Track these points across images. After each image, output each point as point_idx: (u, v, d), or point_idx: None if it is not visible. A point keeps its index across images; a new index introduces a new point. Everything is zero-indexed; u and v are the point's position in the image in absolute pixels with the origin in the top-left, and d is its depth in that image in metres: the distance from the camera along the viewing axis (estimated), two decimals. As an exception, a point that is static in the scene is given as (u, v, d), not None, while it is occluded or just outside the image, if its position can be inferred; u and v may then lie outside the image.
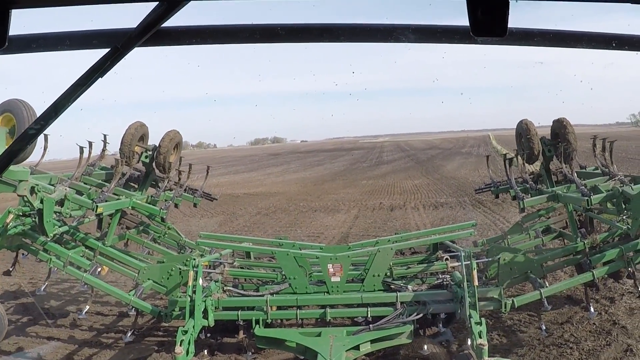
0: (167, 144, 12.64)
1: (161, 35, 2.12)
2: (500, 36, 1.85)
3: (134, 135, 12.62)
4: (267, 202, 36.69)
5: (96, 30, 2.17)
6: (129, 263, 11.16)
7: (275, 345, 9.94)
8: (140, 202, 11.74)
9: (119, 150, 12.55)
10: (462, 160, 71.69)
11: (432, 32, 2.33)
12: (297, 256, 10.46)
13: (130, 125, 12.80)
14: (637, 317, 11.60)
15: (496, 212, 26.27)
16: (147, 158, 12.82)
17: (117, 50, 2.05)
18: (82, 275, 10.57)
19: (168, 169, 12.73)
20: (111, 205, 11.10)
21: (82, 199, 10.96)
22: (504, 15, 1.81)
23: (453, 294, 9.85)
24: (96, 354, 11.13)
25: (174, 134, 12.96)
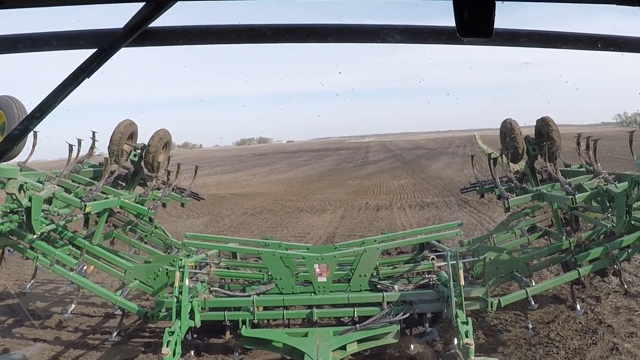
0: (157, 143, 12.60)
1: (148, 36, 2.11)
2: (487, 37, 1.86)
3: (123, 133, 12.56)
4: (253, 202, 36.65)
5: (83, 31, 2.17)
6: (115, 262, 11.08)
7: (262, 346, 9.93)
8: (128, 201, 11.67)
9: (108, 148, 12.48)
10: (448, 160, 71.83)
11: (418, 33, 2.34)
12: (284, 256, 10.45)
13: (120, 123, 12.73)
14: (622, 316, 11.65)
15: (482, 211, 26.33)
16: (136, 157, 12.76)
17: (104, 51, 2.05)
18: (69, 274, 10.51)
19: (157, 168, 12.68)
20: (99, 205, 11.04)
21: (70, 198, 10.91)
22: (490, 16, 1.82)
23: (439, 294, 9.86)
24: (82, 356, 11.08)
25: (163, 133, 12.91)
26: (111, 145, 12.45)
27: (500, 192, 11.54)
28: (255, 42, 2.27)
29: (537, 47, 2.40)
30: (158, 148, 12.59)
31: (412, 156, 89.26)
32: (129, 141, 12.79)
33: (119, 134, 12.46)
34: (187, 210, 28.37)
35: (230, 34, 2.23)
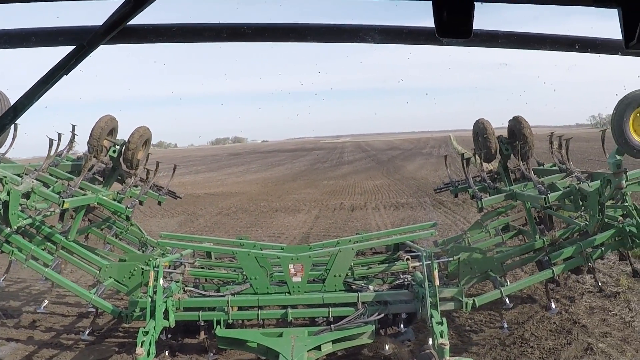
0: (137, 140, 12.48)
1: (127, 33, 2.10)
2: (465, 37, 1.86)
3: (104, 129, 12.40)
4: (228, 202, 36.60)
5: (62, 27, 2.15)
6: (90, 260, 11.00)
7: (236, 346, 9.92)
8: (106, 198, 11.58)
9: (88, 143, 12.34)
10: (423, 160, 72.05)
11: (397, 33, 2.34)
12: (258, 256, 10.44)
13: (101, 118, 12.57)
14: (597, 316, 11.74)
15: (457, 212, 26.44)
16: (115, 153, 12.63)
17: (82, 48, 2.03)
18: (44, 270, 10.43)
19: (136, 165, 12.60)
20: (77, 201, 10.93)
21: (48, 193, 10.80)
22: (469, 17, 1.82)
23: (414, 294, 9.89)
24: (56, 355, 11.02)
25: (143, 130, 12.80)
26: (91, 140, 12.28)
27: (473, 192, 11.58)
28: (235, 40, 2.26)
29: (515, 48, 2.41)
30: (138, 145, 12.49)
31: (387, 157, 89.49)
32: (109, 137, 12.66)
33: (99, 129, 12.31)
34: (161, 209, 28.26)
35: (210, 32, 2.23)
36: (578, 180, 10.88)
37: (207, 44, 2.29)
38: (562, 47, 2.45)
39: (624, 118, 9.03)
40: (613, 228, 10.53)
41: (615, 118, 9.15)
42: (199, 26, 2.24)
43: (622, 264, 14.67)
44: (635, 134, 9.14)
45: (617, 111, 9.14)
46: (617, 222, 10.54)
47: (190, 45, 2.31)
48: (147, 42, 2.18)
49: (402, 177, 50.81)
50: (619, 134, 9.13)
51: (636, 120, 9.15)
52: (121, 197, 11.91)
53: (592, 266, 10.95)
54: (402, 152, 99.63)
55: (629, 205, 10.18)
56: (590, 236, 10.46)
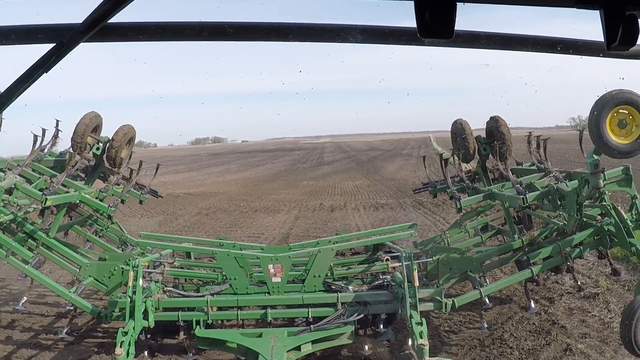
0: (121, 138, 12.40)
1: (108, 31, 2.08)
2: (447, 38, 1.86)
3: (88, 125, 12.30)
4: (207, 202, 36.50)
5: (41, 25, 2.13)
6: (71, 257, 10.92)
7: (216, 346, 9.89)
8: (88, 196, 11.50)
9: (71, 139, 12.26)
10: (403, 161, 72.12)
11: (379, 33, 2.33)
12: (238, 256, 10.43)
13: (85, 115, 12.47)
14: (576, 317, 11.79)
15: (436, 213, 26.51)
16: (99, 150, 12.54)
17: (62, 46, 2.01)
18: (24, 267, 10.35)
19: (119, 163, 12.53)
20: (60, 199, 10.84)
21: (31, 190, 10.73)
22: (451, 17, 1.82)
23: (394, 295, 9.91)
24: (35, 356, 10.96)
25: (128, 128, 12.72)
26: (75, 137, 12.21)
27: (452, 193, 11.62)
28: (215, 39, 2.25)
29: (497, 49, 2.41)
30: (122, 143, 12.41)
31: (367, 157, 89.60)
32: (93, 134, 12.58)
33: (83, 126, 12.22)
34: (140, 209, 28.20)
35: (191, 31, 2.22)
36: (556, 180, 10.94)
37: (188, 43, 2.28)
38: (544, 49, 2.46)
39: (601, 118, 9.08)
40: (591, 227, 10.59)
41: (592, 118, 9.19)
42: (180, 25, 2.23)
43: (602, 265, 14.76)
44: (613, 134, 9.20)
45: (594, 111, 9.19)
46: (596, 221, 10.60)
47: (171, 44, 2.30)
48: (128, 40, 2.17)
49: (381, 177, 50.87)
50: (596, 134, 9.17)
51: (613, 120, 9.20)
52: (103, 196, 11.86)
53: (571, 265, 10.99)
54: (382, 153, 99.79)
55: (607, 204, 10.23)
56: (569, 236, 10.51)
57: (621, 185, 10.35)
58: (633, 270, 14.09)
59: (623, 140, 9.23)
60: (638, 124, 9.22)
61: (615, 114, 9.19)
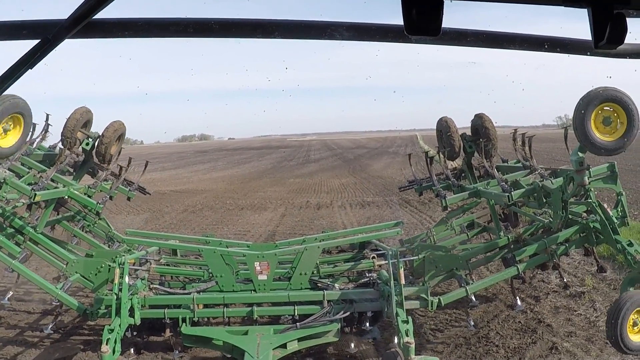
0: (111, 134, 12.30)
1: (93, 27, 2.08)
2: (434, 35, 1.86)
3: (79, 120, 12.19)
4: (193, 199, 36.46)
5: (26, 21, 2.12)
6: (58, 253, 10.84)
7: (202, 344, 9.90)
8: (77, 192, 11.44)
9: (62, 134, 12.17)
10: (389, 159, 72.08)
11: (366, 30, 2.33)
12: (224, 254, 10.43)
13: (76, 110, 12.37)
14: (562, 315, 11.84)
15: (423, 211, 26.55)
16: (88, 145, 12.46)
17: (47, 42, 2.00)
18: (11, 262, 10.26)
19: (108, 160, 12.47)
20: (49, 194, 10.79)
21: (21, 185, 10.63)
22: (438, 15, 1.82)
23: (380, 293, 9.91)
24: (21, 353, 10.93)
25: (118, 124, 12.61)
26: (65, 132, 12.09)
27: (437, 191, 11.65)
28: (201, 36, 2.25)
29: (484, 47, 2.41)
30: (112, 140, 12.32)
31: (354, 155, 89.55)
32: (84, 129, 12.50)
33: (74, 121, 12.11)
34: (127, 206, 28.17)
35: (177, 27, 2.21)
36: (541, 178, 10.96)
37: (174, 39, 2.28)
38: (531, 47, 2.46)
39: (586, 115, 9.08)
40: (577, 224, 10.61)
41: (577, 116, 9.19)
42: (166, 21, 2.22)
43: (587, 264, 14.83)
44: (597, 131, 9.20)
45: (579, 108, 9.18)
46: (581, 218, 10.62)
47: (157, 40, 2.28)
48: (113, 36, 2.16)
49: (368, 175, 50.90)
50: (581, 131, 9.17)
51: (598, 118, 9.21)
52: (92, 192, 11.80)
53: (557, 263, 11.01)
54: (368, 151, 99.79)
55: (593, 201, 10.25)
56: (554, 233, 10.53)
57: (607, 182, 10.39)
58: (619, 269, 14.13)
59: (608, 138, 9.24)
60: (623, 122, 9.23)
61: (599, 112, 9.19)
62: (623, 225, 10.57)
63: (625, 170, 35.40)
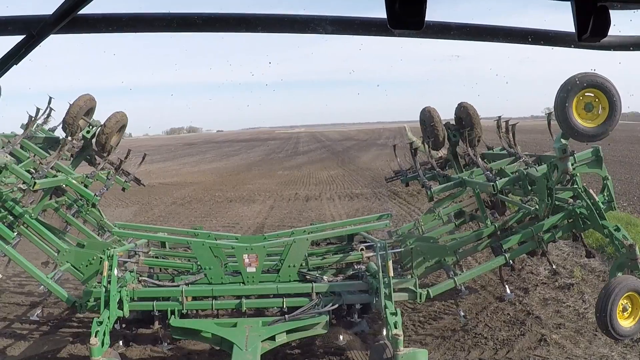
0: (113, 125, 12.24)
1: (77, 23, 2.09)
2: (417, 29, 1.87)
3: (82, 108, 12.13)
4: (182, 192, 36.46)
5: (11, 17, 2.13)
6: (50, 241, 10.75)
7: (191, 336, 9.90)
8: (75, 182, 11.40)
9: (63, 120, 12.13)
10: (378, 151, 71.94)
11: (349, 24, 2.35)
12: (213, 246, 10.40)
13: (80, 97, 12.32)
14: (550, 307, 11.89)
15: (411, 203, 26.60)
16: (89, 134, 12.44)
17: (32, 37, 2.02)
18: (4, 247, 10.17)
19: (108, 150, 12.44)
20: (47, 182, 10.74)
21: (21, 172, 10.53)
22: (421, 8, 1.83)
23: (368, 285, 9.92)
24: (10, 345, 10.95)
25: (121, 116, 12.54)
26: (67, 118, 12.04)
27: (422, 182, 11.67)
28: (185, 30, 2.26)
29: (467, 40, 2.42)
30: (113, 130, 12.26)
31: (342, 147, 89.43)
32: (86, 117, 12.45)
33: (77, 108, 12.02)
34: (115, 199, 28.12)
35: (161, 22, 2.22)
36: (526, 165, 10.98)
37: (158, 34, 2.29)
38: (515, 40, 2.48)
39: (567, 102, 9.05)
40: (563, 210, 10.63)
41: (558, 102, 9.15)
42: (150, 16, 2.23)
43: (577, 255, 14.91)
44: (579, 118, 9.17)
45: (560, 95, 9.13)
46: (568, 204, 10.64)
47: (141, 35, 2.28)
48: (98, 31, 2.17)
49: (357, 167, 50.95)
50: (562, 118, 9.13)
51: (579, 104, 9.19)
52: (89, 181, 11.77)
53: (545, 250, 11.03)
54: (357, 143, 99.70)
55: (579, 187, 10.27)
56: (541, 220, 10.55)
57: (592, 166, 10.40)
58: (608, 261, 14.19)
59: (590, 124, 9.20)
60: (604, 107, 9.19)
61: (580, 98, 9.16)
62: (610, 209, 10.59)
63: (614, 162, 35.53)
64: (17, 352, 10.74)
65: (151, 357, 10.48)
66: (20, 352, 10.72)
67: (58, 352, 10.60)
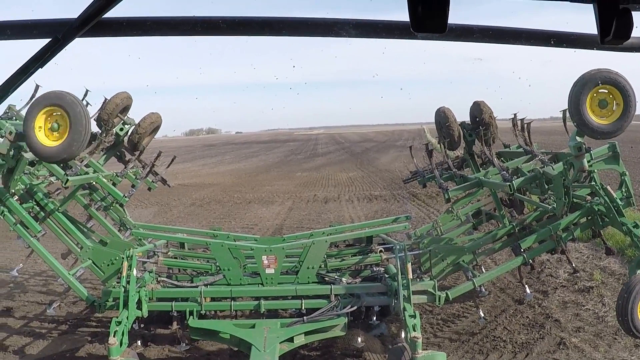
0: (147, 126, 12.22)
1: (102, 26, 2.10)
2: (440, 32, 1.88)
3: (118, 105, 11.99)
4: (201, 193, 36.51)
5: (37, 20, 2.15)
6: (74, 236, 10.75)
7: (209, 337, 9.91)
8: (105, 180, 11.44)
9: (98, 116, 11.97)
10: (397, 153, 71.65)
11: (372, 27, 2.35)
12: (232, 247, 10.42)
13: (117, 94, 12.19)
14: (570, 310, 11.82)
15: (430, 205, 26.51)
16: (122, 131, 12.37)
17: (57, 41, 2.03)
18: (29, 239, 10.21)
19: (141, 150, 12.47)
20: (79, 180, 10.76)
21: (56, 169, 10.63)
22: (444, 11, 1.83)
23: (387, 287, 9.91)
24: (29, 344, 11.00)
25: (156, 117, 12.51)
26: (103, 114, 11.90)
27: (439, 184, 11.64)
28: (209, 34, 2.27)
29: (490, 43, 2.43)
30: (147, 131, 12.26)
31: (361, 149, 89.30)
32: (122, 114, 12.43)
33: (113, 105, 11.88)
34: (135, 199, 28.17)
35: (185, 25, 2.23)
36: (542, 164, 10.93)
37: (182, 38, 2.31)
38: (537, 42, 2.48)
39: (581, 99, 8.96)
40: (581, 208, 10.56)
41: (572, 99, 9.05)
42: (174, 20, 2.25)
43: (596, 258, 14.83)
44: (593, 115, 9.07)
45: (574, 92, 9.01)
46: (585, 201, 10.57)
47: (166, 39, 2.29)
48: (122, 35, 2.19)
49: (375, 169, 50.78)
50: (576, 115, 9.03)
51: (593, 101, 9.09)
52: (118, 180, 11.83)
53: (564, 248, 10.95)
54: (376, 145, 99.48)
55: (596, 184, 10.19)
56: (559, 219, 10.49)
57: (609, 162, 10.28)
58: (628, 263, 14.10)
59: (604, 121, 9.10)
60: (619, 103, 9.10)
61: (595, 94, 9.07)
62: (629, 205, 10.44)
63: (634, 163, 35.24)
64: (35, 350, 10.79)
65: (169, 357, 10.51)
66: (39, 351, 10.77)
67: (76, 352, 10.64)
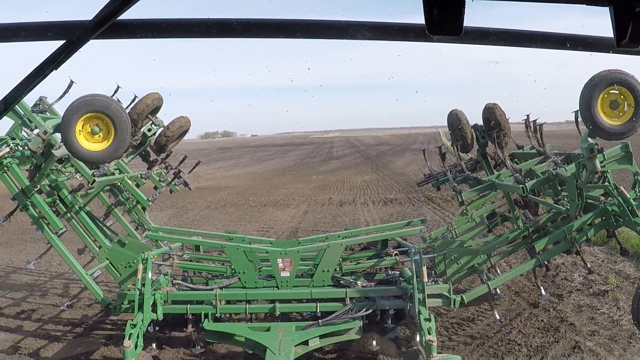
0: (176, 129, 12.23)
1: (117, 28, 2.10)
2: (456, 35, 1.86)
3: (149, 105, 12.02)
4: (216, 196, 36.57)
5: (51, 22, 2.15)
6: (94, 235, 10.77)
7: (224, 340, 9.92)
8: (130, 182, 11.48)
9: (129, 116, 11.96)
10: (412, 156, 71.52)
11: (388, 30, 2.34)
12: (247, 250, 10.44)
13: (149, 95, 12.16)
14: (585, 314, 11.75)
15: (445, 208, 26.45)
16: (150, 132, 12.44)
17: (72, 43, 2.03)
18: (51, 236, 10.18)
19: (167, 153, 12.50)
20: (105, 181, 10.91)
21: (84, 168, 10.54)
22: (460, 14, 1.82)
23: (402, 290, 9.90)
24: (44, 347, 11.01)
25: (185, 121, 12.51)
26: (132, 113, 11.75)
27: (453, 187, 11.63)
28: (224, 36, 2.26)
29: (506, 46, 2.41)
30: (175, 134, 12.29)
31: (376, 152, 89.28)
32: (151, 115, 12.44)
33: (144, 105, 11.89)
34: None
35: (200, 28, 2.23)
36: (555, 165, 10.90)
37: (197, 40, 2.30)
38: (553, 45, 2.46)
39: (592, 100, 8.92)
40: (595, 209, 10.52)
41: (583, 101, 9.01)
42: (189, 22, 2.24)
43: (611, 262, 14.75)
44: (605, 116, 9.03)
45: (585, 93, 8.98)
46: (599, 202, 10.53)
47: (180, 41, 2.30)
48: (137, 37, 2.18)
49: (391, 172, 50.75)
50: (588, 116, 8.99)
51: (604, 102, 9.05)
52: (142, 182, 11.88)
53: (579, 249, 10.89)
54: (391, 148, 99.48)
55: (609, 185, 10.15)
56: (573, 220, 10.46)
57: (622, 162, 10.25)
58: (644, 267, 14.06)
59: (616, 122, 9.06)
60: (630, 104, 9.05)
61: (606, 95, 9.03)
62: None
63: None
64: (50, 353, 10.81)
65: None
66: (54, 354, 10.79)
67: (91, 354, 10.64)
